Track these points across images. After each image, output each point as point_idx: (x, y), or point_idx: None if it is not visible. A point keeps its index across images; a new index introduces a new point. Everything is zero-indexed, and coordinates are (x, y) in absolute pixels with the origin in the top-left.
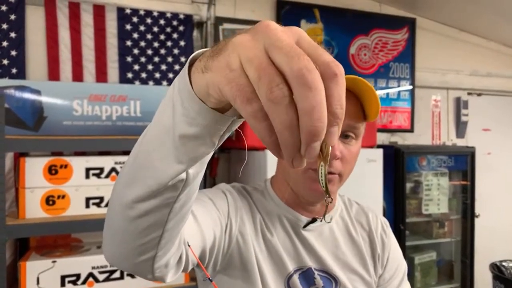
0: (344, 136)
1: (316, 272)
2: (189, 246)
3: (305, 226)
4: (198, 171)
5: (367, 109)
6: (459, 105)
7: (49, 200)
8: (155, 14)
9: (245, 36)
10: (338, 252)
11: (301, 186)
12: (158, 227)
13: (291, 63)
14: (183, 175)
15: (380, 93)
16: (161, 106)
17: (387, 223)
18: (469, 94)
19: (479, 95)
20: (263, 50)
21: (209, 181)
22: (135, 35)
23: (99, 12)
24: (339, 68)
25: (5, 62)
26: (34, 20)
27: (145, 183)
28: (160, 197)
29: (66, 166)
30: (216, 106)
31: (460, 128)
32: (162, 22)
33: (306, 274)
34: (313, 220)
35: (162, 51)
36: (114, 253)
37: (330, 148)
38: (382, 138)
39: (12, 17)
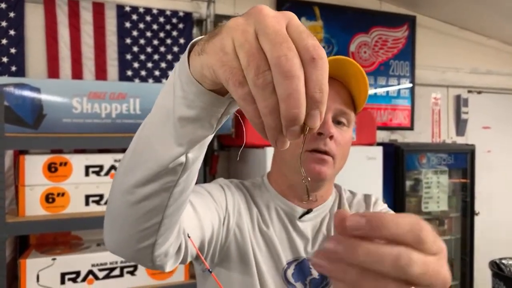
0: (337, 121)
1: (310, 262)
2: (189, 237)
3: (300, 217)
4: (197, 155)
5: (356, 93)
6: (459, 103)
7: (49, 198)
8: (155, 11)
9: (239, 20)
10: None
11: (298, 170)
12: (158, 213)
13: (273, 50)
14: (183, 159)
15: (380, 91)
16: (162, 92)
17: (385, 205)
18: (469, 92)
19: (479, 93)
20: (254, 35)
21: (209, 178)
22: (135, 33)
23: (98, 9)
24: (318, 52)
25: (5, 59)
26: (33, 18)
27: (145, 166)
28: (160, 180)
29: (65, 164)
30: (212, 87)
31: (460, 126)
32: (161, 19)
33: (302, 265)
34: (309, 211)
35: (162, 49)
36: (115, 240)
37: (308, 129)
38: (382, 136)
39: (11, 14)
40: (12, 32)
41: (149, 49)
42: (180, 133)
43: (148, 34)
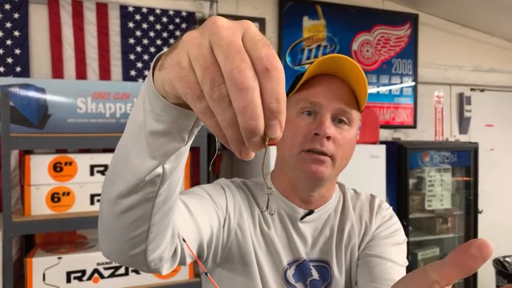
0: (337, 120)
1: (311, 264)
2: (184, 241)
3: (302, 218)
4: (174, 166)
5: (356, 90)
6: (462, 101)
7: (54, 197)
8: (158, 11)
9: (194, 34)
10: (333, 243)
11: (296, 170)
12: (143, 222)
13: (226, 63)
14: (159, 170)
15: (382, 89)
16: (135, 104)
17: (389, 210)
18: (472, 90)
19: (482, 90)
20: (209, 48)
21: (212, 178)
22: (138, 33)
23: (102, 10)
24: (272, 62)
25: (9, 60)
26: (38, 19)
27: (125, 179)
28: (141, 192)
29: (70, 163)
30: (176, 101)
31: (463, 124)
32: (164, 19)
33: (303, 266)
34: (310, 212)
35: (165, 49)
36: (108, 247)
37: (269, 139)
38: (385, 134)
39: (16, 15)
40: (16, 33)
41: (152, 49)
42: (153, 146)
43: (151, 34)
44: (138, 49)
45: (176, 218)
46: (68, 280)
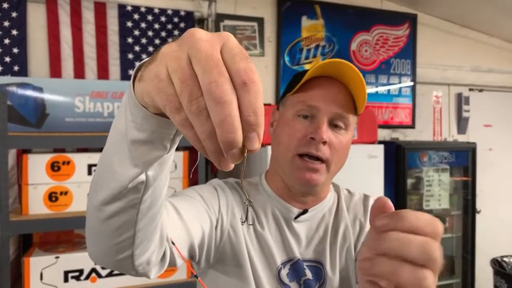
0: (333, 125)
1: (304, 264)
2: (173, 244)
3: (296, 218)
4: (158, 173)
5: (355, 96)
6: (461, 101)
7: (52, 197)
8: (156, 11)
9: (172, 46)
10: (327, 243)
11: (290, 175)
12: (128, 228)
13: (204, 76)
14: (143, 177)
15: (381, 89)
16: (118, 112)
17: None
18: (470, 90)
19: (480, 91)
20: (187, 60)
21: (210, 176)
22: (136, 32)
23: (100, 9)
24: (249, 76)
25: (7, 59)
26: (36, 18)
27: (108, 186)
28: (124, 199)
29: (68, 163)
30: (157, 111)
31: (462, 124)
32: (163, 19)
33: (296, 266)
34: (304, 212)
35: None
36: (95, 251)
37: (247, 151)
38: (384, 134)
39: (14, 14)
40: (14, 32)
41: (150, 49)
42: (135, 154)
43: (150, 33)
44: (137, 48)
45: (164, 221)
46: (66, 280)
